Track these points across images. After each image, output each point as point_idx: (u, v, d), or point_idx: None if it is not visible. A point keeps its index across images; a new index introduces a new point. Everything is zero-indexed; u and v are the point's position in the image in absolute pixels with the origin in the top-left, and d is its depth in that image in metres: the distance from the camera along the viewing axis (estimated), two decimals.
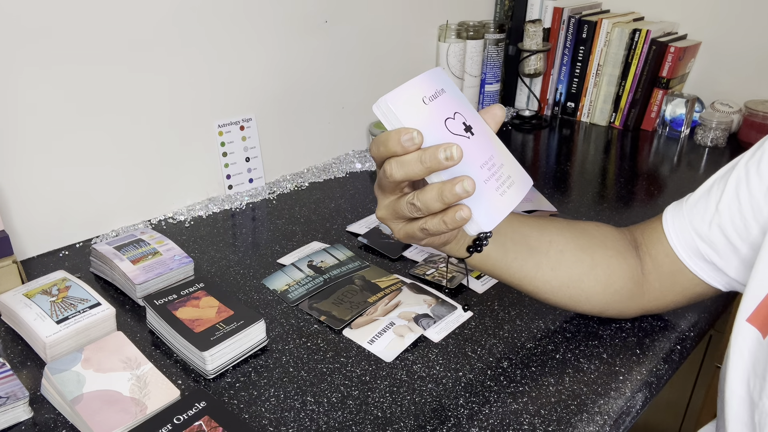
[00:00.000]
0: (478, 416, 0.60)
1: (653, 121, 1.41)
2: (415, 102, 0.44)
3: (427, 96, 0.44)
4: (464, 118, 0.46)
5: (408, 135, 0.42)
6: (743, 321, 0.54)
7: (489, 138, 0.47)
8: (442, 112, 0.45)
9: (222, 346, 0.65)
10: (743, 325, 0.54)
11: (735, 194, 0.58)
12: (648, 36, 1.33)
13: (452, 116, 0.45)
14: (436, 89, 0.45)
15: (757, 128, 1.29)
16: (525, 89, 1.50)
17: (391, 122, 0.44)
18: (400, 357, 0.68)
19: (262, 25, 1.02)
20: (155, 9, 0.88)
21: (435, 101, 0.44)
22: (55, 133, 0.85)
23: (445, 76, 0.47)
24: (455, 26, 1.35)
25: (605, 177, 1.21)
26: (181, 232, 0.95)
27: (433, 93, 0.45)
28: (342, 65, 1.18)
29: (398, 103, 0.43)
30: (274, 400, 0.63)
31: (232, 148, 1.05)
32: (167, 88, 0.94)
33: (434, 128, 0.44)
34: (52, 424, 0.60)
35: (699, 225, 0.61)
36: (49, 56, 0.81)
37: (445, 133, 0.44)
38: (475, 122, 0.47)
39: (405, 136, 0.42)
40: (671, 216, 0.64)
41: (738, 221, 0.57)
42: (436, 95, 0.45)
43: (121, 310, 0.76)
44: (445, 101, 0.45)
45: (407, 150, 0.43)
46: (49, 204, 0.87)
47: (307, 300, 0.78)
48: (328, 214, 1.01)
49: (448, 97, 0.45)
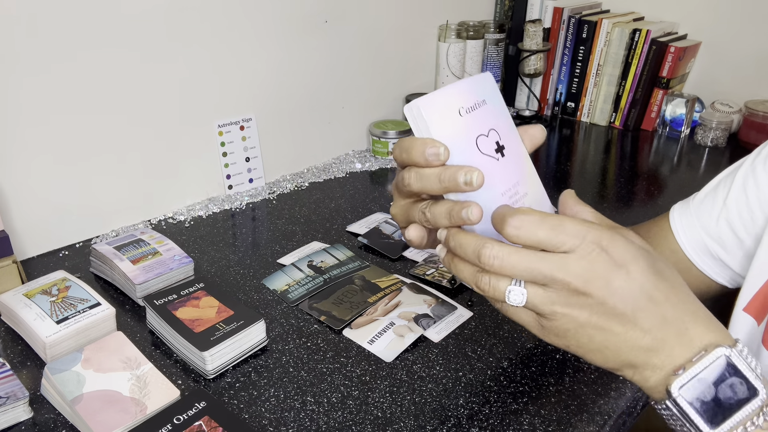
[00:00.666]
0: (478, 416, 0.60)
1: (653, 121, 1.41)
2: (451, 112, 0.40)
3: (465, 107, 0.41)
4: (499, 136, 0.42)
5: (434, 149, 0.39)
6: (740, 311, 0.56)
7: (520, 161, 0.43)
8: (477, 128, 0.41)
9: (222, 346, 0.65)
10: (740, 315, 0.56)
11: (742, 189, 0.59)
12: (648, 36, 1.33)
13: (486, 133, 0.41)
14: (476, 100, 0.41)
15: (757, 128, 1.29)
16: (525, 89, 1.50)
17: (420, 129, 0.40)
18: (400, 357, 0.68)
19: (262, 26, 1.02)
20: (155, 9, 0.88)
21: (472, 114, 0.41)
22: (55, 133, 0.85)
23: (491, 85, 0.43)
24: (455, 26, 1.35)
25: (605, 177, 1.21)
26: (181, 232, 0.95)
27: (472, 104, 0.41)
28: (342, 65, 1.18)
29: (432, 110, 0.40)
30: (274, 400, 0.63)
31: (232, 148, 1.05)
32: (167, 88, 0.94)
33: (464, 144, 0.40)
34: (52, 424, 0.59)
35: (707, 221, 0.61)
36: (49, 56, 0.81)
37: (473, 152, 0.41)
38: (510, 141, 0.43)
39: (431, 149, 0.39)
40: (678, 214, 0.65)
41: (745, 214, 0.58)
42: (475, 107, 0.41)
43: (121, 310, 0.76)
44: (483, 115, 0.42)
45: (430, 164, 0.40)
46: (49, 204, 0.87)
47: (307, 300, 0.78)
48: (328, 214, 1.01)
49: (488, 110, 0.42)
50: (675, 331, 0.39)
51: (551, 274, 0.38)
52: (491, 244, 0.39)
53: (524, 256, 0.39)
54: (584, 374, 0.66)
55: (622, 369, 0.41)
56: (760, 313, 0.54)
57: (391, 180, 1.15)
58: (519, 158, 0.43)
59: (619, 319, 0.39)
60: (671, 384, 0.38)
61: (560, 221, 0.38)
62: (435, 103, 0.40)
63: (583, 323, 0.39)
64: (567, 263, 0.38)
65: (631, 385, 0.64)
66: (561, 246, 0.38)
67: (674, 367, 0.39)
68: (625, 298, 0.38)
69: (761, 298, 0.54)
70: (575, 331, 0.40)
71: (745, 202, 0.58)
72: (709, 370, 0.38)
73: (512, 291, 0.39)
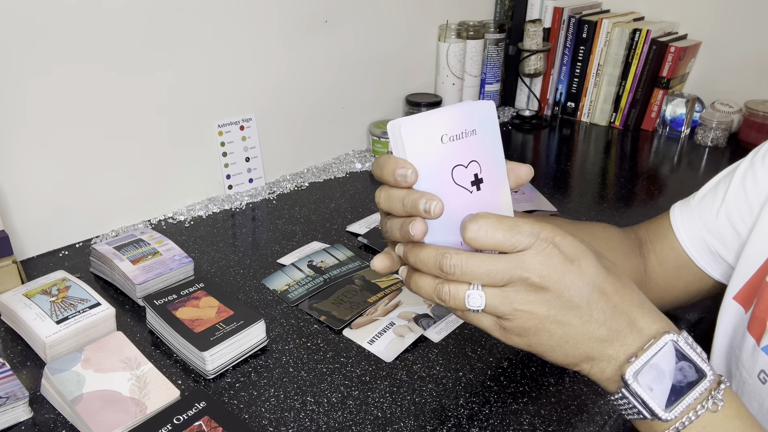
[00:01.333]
0: (478, 416, 0.60)
1: (653, 121, 1.41)
2: (432, 137, 0.40)
3: (449, 134, 0.40)
4: (480, 168, 0.41)
5: (403, 170, 0.39)
6: (730, 299, 0.58)
7: (496, 198, 0.43)
8: (456, 157, 0.40)
9: (222, 346, 0.65)
10: (729, 303, 0.58)
11: (741, 185, 0.60)
12: (648, 36, 1.33)
13: (465, 164, 0.41)
14: (465, 129, 0.40)
15: (757, 128, 1.29)
16: (525, 89, 1.50)
17: (397, 148, 0.40)
18: (400, 357, 0.68)
19: (262, 25, 1.02)
20: (155, 9, 0.88)
21: (455, 143, 0.40)
22: (55, 132, 0.85)
23: (488, 114, 0.42)
24: (455, 26, 1.35)
25: (605, 177, 1.21)
26: (181, 232, 0.95)
27: (458, 132, 0.40)
28: (342, 65, 1.18)
29: (412, 131, 0.39)
30: (274, 400, 0.63)
31: (232, 148, 1.05)
32: (167, 88, 0.94)
33: (438, 171, 0.40)
34: (52, 425, 0.59)
35: (707, 216, 0.62)
36: (49, 56, 0.81)
37: (446, 181, 0.40)
38: (492, 176, 0.42)
39: (400, 170, 0.39)
40: (679, 211, 0.66)
41: (744, 208, 0.59)
42: (461, 136, 0.40)
43: (121, 310, 0.76)
44: (466, 145, 0.41)
45: (398, 184, 0.40)
46: (49, 204, 0.87)
47: (307, 300, 0.78)
48: (328, 214, 1.01)
49: (474, 141, 0.41)
50: (626, 321, 0.41)
51: (509, 271, 0.39)
52: (450, 253, 0.40)
53: (483, 259, 0.40)
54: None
55: (580, 364, 0.43)
56: (748, 301, 0.56)
57: None
58: (496, 195, 0.43)
59: (575, 312, 0.40)
60: (625, 371, 0.40)
61: (516, 222, 0.40)
62: (417, 125, 0.39)
63: (543, 318, 0.40)
64: (524, 260, 0.39)
65: None
66: (518, 245, 0.40)
67: (627, 356, 0.41)
68: (580, 290, 0.40)
69: (750, 287, 0.56)
70: (536, 328, 0.41)
71: (744, 198, 0.59)
72: (659, 356, 0.40)
73: (471, 295, 0.40)
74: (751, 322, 0.54)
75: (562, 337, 0.41)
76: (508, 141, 1.37)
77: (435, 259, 0.40)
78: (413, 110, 1.27)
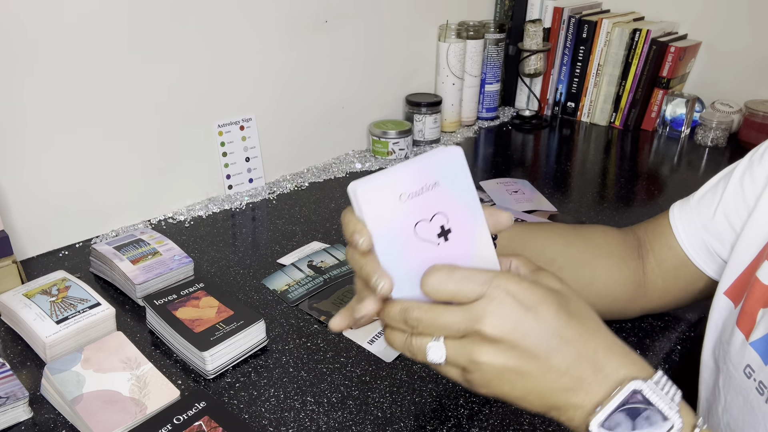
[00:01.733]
0: (478, 416, 0.60)
1: (653, 121, 1.41)
2: (389, 198, 0.38)
3: (407, 193, 0.39)
4: (447, 219, 0.40)
5: (358, 236, 0.38)
6: (721, 294, 0.58)
7: (467, 246, 0.41)
8: (417, 213, 0.39)
9: (222, 346, 0.65)
10: (719, 298, 0.58)
11: (739, 183, 0.60)
12: (648, 36, 1.33)
13: (429, 218, 0.40)
14: (425, 183, 0.39)
15: (757, 128, 1.29)
16: (525, 89, 1.50)
17: (357, 210, 0.39)
18: (400, 357, 0.68)
19: (262, 25, 1.02)
20: (155, 8, 0.88)
21: (414, 199, 0.39)
22: (55, 132, 0.85)
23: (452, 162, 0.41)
24: (455, 26, 1.35)
25: (605, 177, 1.21)
26: (181, 232, 0.95)
27: (417, 188, 0.39)
28: (342, 65, 1.18)
29: (368, 195, 0.38)
30: (274, 400, 0.63)
31: (232, 148, 1.05)
32: (167, 88, 0.94)
33: (399, 231, 0.39)
34: (52, 425, 0.59)
35: (705, 215, 0.62)
36: (49, 56, 0.81)
37: (409, 239, 0.39)
38: (463, 225, 0.41)
39: (356, 236, 0.38)
40: (678, 211, 0.66)
41: (741, 206, 0.59)
42: (421, 191, 0.39)
43: (121, 310, 0.76)
44: (429, 199, 0.40)
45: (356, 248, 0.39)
46: (49, 204, 0.87)
47: (307, 300, 0.78)
48: (328, 214, 1.01)
49: (438, 193, 0.40)
50: (591, 368, 0.39)
51: (463, 323, 0.38)
52: (412, 306, 0.39)
53: (439, 311, 0.39)
54: None
55: (549, 412, 0.41)
56: (738, 296, 0.56)
57: None
58: (468, 243, 0.42)
59: (534, 362, 0.39)
60: (590, 422, 0.39)
61: (468, 272, 0.39)
62: (372, 188, 0.38)
63: (502, 370, 0.39)
64: (476, 310, 0.38)
65: None
66: (470, 294, 0.39)
67: (593, 405, 0.39)
68: (537, 339, 0.38)
69: (740, 282, 0.56)
70: (498, 380, 0.40)
71: (742, 196, 0.59)
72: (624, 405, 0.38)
73: (431, 348, 0.39)
74: (741, 317, 0.54)
75: (524, 387, 0.40)
76: (508, 141, 1.38)
77: (400, 314, 0.40)
78: (413, 110, 1.27)
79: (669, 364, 0.69)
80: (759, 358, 0.51)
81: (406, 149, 1.23)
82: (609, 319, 0.72)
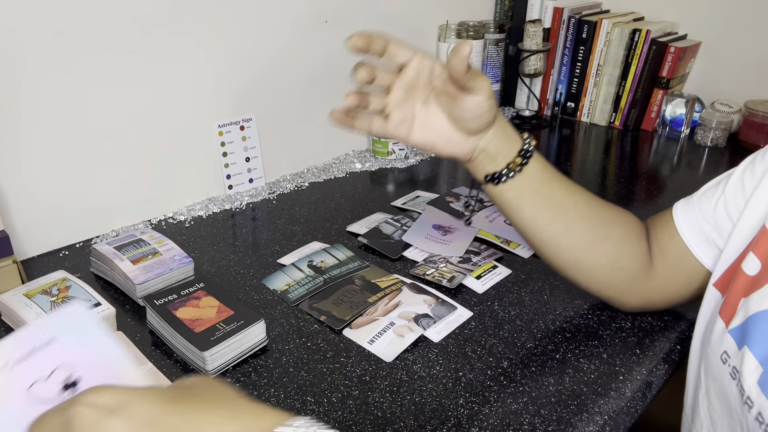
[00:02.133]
0: (478, 416, 0.60)
1: (653, 121, 1.41)
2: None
3: (13, 359, 0.39)
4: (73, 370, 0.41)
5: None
6: (711, 285, 0.60)
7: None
8: (30, 376, 0.40)
9: (222, 346, 0.65)
10: (710, 289, 0.60)
11: (740, 178, 0.61)
12: (648, 36, 1.33)
13: (46, 376, 0.40)
14: (32, 346, 0.40)
15: (757, 128, 1.29)
16: (525, 89, 1.50)
17: None
18: (400, 357, 0.68)
19: (263, 26, 1.02)
20: (155, 8, 0.89)
21: (21, 364, 0.39)
22: (55, 132, 0.85)
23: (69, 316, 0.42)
24: (455, 26, 1.35)
25: (605, 177, 1.21)
26: (181, 232, 0.95)
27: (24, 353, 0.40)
28: (342, 65, 1.18)
29: None
30: (274, 400, 0.63)
31: (232, 148, 1.05)
32: (167, 88, 0.94)
33: (12, 397, 0.39)
34: None
35: (706, 208, 0.64)
36: (49, 56, 0.81)
37: (25, 402, 0.39)
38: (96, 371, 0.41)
39: None
40: (681, 206, 0.68)
41: (740, 197, 0.61)
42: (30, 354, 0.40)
43: (121, 310, 0.76)
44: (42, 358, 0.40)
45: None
46: (49, 204, 0.87)
47: (307, 300, 0.78)
48: (328, 214, 1.01)
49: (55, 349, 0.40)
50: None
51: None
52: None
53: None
54: (584, 374, 0.66)
55: None
56: (725, 287, 0.58)
57: (391, 180, 1.15)
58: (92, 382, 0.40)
59: None
60: None
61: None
62: None
63: None
64: None
65: (631, 385, 0.65)
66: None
67: None
68: None
69: (728, 273, 0.58)
70: None
71: (741, 190, 0.61)
72: None
73: None
74: (723, 306, 0.55)
75: None
76: None
77: None
78: None
79: (669, 364, 0.69)
80: (735, 345, 0.52)
81: (405, 149, 1.23)
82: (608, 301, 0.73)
